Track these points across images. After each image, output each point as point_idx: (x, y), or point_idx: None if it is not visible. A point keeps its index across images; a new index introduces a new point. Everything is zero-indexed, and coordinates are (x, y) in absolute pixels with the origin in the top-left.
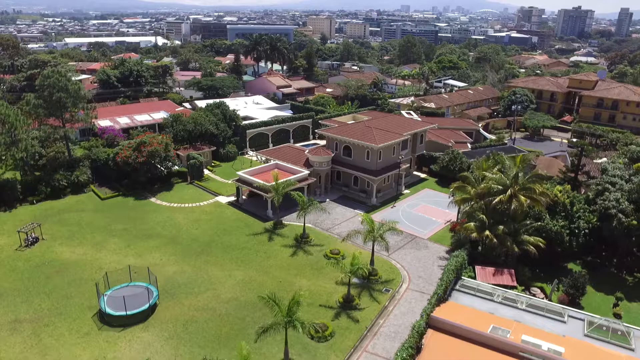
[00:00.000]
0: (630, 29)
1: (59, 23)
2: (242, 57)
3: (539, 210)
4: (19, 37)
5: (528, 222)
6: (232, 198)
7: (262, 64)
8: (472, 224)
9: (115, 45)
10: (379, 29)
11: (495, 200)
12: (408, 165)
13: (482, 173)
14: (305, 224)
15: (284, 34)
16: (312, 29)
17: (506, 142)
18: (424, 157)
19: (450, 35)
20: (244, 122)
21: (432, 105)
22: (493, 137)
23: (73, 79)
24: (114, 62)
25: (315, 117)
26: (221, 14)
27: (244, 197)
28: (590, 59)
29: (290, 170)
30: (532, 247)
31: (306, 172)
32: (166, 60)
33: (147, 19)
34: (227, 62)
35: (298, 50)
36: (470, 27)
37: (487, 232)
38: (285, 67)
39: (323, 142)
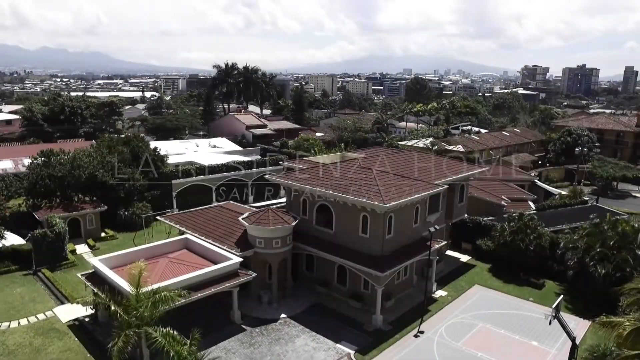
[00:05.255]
0: (637, 87)
1: (66, 82)
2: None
3: None
4: (15, 93)
5: None
6: (91, 310)
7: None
8: None
9: (107, 99)
10: (382, 87)
11: None
12: (445, 242)
13: None
14: None
15: (279, 85)
16: (314, 86)
17: (586, 199)
18: (464, 225)
19: (455, 92)
20: (172, 169)
21: (460, 148)
22: (562, 191)
23: None
24: (48, 98)
25: (282, 160)
26: None
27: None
28: (610, 111)
29: (207, 255)
30: None
31: (234, 260)
32: (139, 107)
33: (152, 80)
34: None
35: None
36: (474, 85)
37: None
38: (269, 112)
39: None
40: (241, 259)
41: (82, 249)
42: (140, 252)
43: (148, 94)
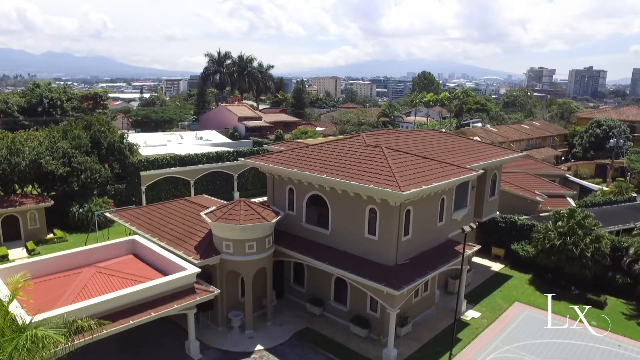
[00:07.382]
0: None
1: (69, 85)
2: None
3: None
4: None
5: None
6: None
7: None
8: None
9: (91, 91)
10: (386, 89)
11: None
12: (478, 246)
13: None
14: None
15: (277, 78)
16: (317, 88)
17: (634, 195)
18: (495, 225)
19: None
20: (141, 159)
21: (477, 139)
22: (604, 187)
23: None
24: (25, 88)
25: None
26: None
27: None
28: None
29: (156, 263)
30: None
31: (189, 271)
32: (133, 104)
33: (154, 82)
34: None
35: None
36: (479, 88)
37: None
38: (268, 107)
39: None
40: (198, 270)
41: (18, 253)
42: (65, 258)
43: (147, 95)
